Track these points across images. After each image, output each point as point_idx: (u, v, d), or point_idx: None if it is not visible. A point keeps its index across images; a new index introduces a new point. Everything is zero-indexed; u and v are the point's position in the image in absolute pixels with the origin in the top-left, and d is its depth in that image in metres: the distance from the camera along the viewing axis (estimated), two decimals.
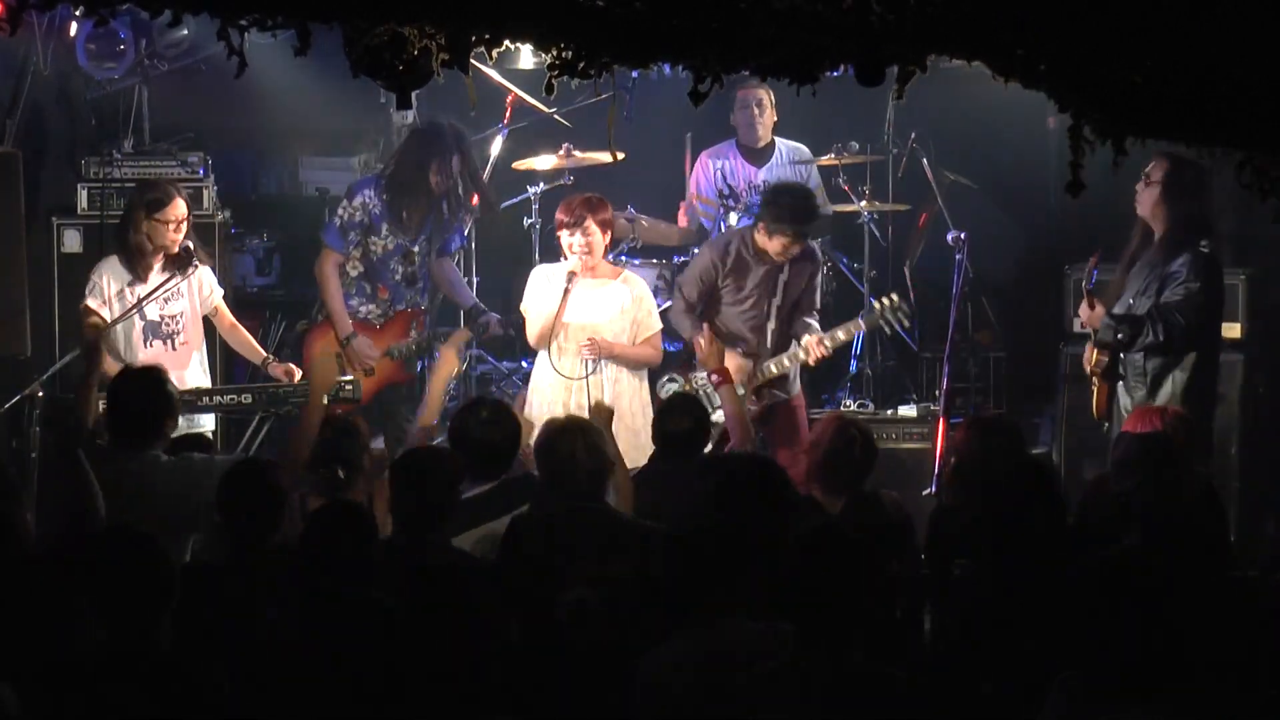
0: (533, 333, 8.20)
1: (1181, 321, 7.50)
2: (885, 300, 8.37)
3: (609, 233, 8.17)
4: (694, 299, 8.46)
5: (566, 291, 8.05)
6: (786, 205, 8.24)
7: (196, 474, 6.11)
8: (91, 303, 8.02)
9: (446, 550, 5.62)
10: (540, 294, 8.19)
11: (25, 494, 6.11)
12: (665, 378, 8.54)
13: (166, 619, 4.82)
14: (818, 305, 8.52)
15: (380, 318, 8.60)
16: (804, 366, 8.42)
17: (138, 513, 5.81)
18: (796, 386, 8.56)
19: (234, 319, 8.33)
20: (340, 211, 8.54)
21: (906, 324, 8.48)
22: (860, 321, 8.44)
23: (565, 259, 8.15)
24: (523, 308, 8.29)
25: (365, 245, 8.51)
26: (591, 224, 8.03)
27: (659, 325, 8.35)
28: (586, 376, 8.03)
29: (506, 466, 6.42)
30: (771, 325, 8.37)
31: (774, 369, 8.34)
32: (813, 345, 8.20)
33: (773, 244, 8.23)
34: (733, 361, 8.15)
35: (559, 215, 8.16)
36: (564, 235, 8.09)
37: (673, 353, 8.88)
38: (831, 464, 6.30)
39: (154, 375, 6.42)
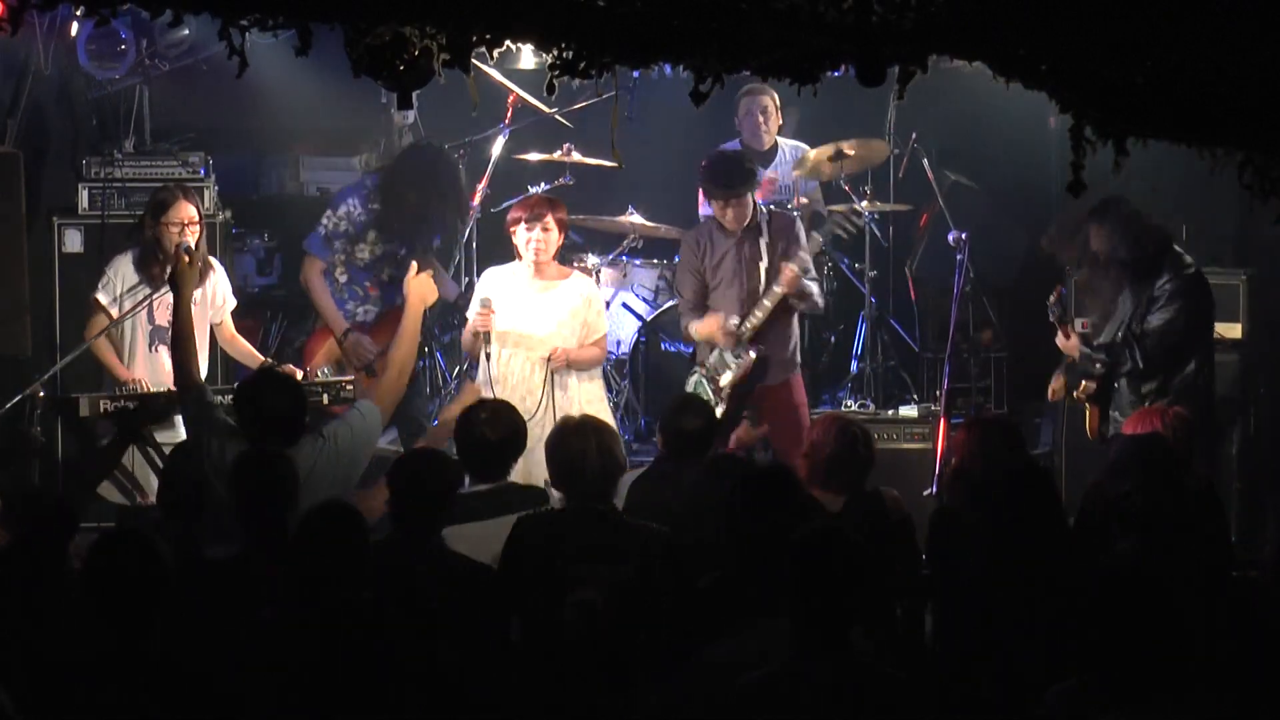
0: (466, 338, 8.18)
1: (1159, 347, 7.64)
2: (835, 209, 8.35)
3: (564, 234, 8.17)
4: (689, 295, 8.44)
5: (516, 301, 8.02)
6: (707, 170, 8.34)
7: (356, 429, 6.25)
8: (102, 298, 8.06)
9: (444, 552, 5.62)
10: (490, 295, 8.12)
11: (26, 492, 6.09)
12: (695, 369, 8.53)
13: (164, 619, 4.83)
14: (808, 265, 8.34)
15: (378, 316, 8.61)
16: (785, 297, 8.29)
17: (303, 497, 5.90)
18: (797, 360, 8.52)
19: (234, 330, 8.33)
20: (325, 221, 8.56)
21: (860, 226, 8.44)
22: (815, 236, 8.44)
23: (519, 258, 8.11)
24: (470, 312, 8.22)
25: (350, 252, 8.53)
26: (551, 220, 8.02)
27: (606, 327, 8.34)
28: (544, 387, 7.99)
29: (508, 467, 6.43)
30: (761, 289, 8.32)
31: (757, 315, 8.26)
32: (782, 282, 8.18)
33: (716, 210, 8.29)
34: (714, 322, 8.22)
35: (516, 212, 8.11)
36: (520, 231, 8.03)
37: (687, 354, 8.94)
38: (834, 466, 6.29)
39: (284, 381, 6.43)
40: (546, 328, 8.05)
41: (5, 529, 5.76)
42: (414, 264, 8.23)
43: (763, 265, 8.32)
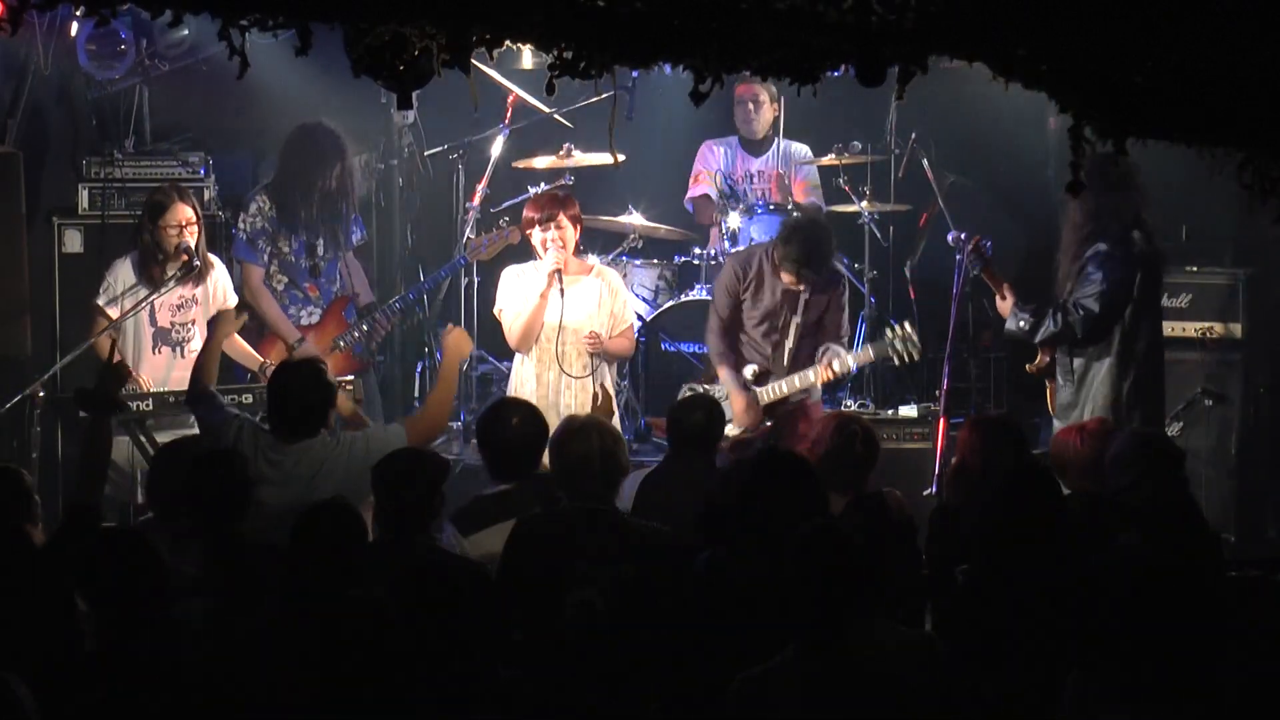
0: (515, 334, 8.17)
1: (1081, 313, 7.61)
2: (898, 329, 8.38)
3: (579, 227, 8.20)
4: (725, 314, 8.42)
5: (549, 293, 8.04)
6: (796, 244, 8.18)
7: (373, 446, 6.26)
8: (102, 302, 8.07)
9: (433, 550, 5.62)
10: (516, 294, 8.17)
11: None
12: (685, 387, 8.54)
13: (163, 618, 4.83)
14: (844, 329, 8.46)
15: (322, 315, 8.61)
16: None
17: (309, 494, 5.97)
18: (817, 392, 8.55)
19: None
20: (241, 224, 8.57)
21: (915, 357, 8.46)
22: (869, 350, 8.43)
23: (539, 259, 8.14)
24: (497, 310, 8.28)
25: (278, 250, 8.52)
26: (564, 218, 8.06)
27: (633, 317, 8.44)
28: (590, 374, 8.08)
29: (532, 467, 6.44)
30: (789, 344, 8.36)
31: (783, 388, 8.33)
32: (821, 369, 8.24)
33: (782, 274, 8.25)
34: (739, 402, 8.23)
35: (528, 214, 8.18)
36: (536, 232, 8.10)
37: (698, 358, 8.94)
38: (833, 463, 6.29)
39: (313, 368, 6.49)
40: (576, 323, 8.09)
41: (40, 529, 5.79)
42: (449, 325, 8.06)
43: (795, 320, 8.34)
